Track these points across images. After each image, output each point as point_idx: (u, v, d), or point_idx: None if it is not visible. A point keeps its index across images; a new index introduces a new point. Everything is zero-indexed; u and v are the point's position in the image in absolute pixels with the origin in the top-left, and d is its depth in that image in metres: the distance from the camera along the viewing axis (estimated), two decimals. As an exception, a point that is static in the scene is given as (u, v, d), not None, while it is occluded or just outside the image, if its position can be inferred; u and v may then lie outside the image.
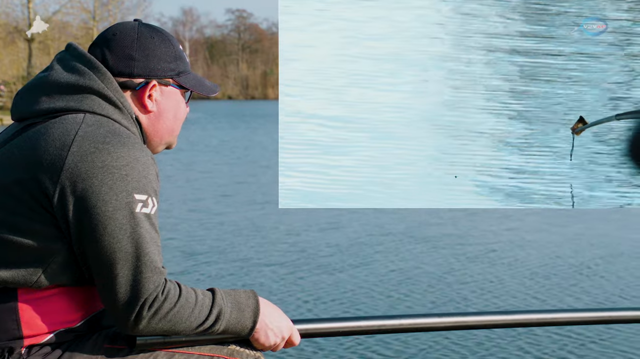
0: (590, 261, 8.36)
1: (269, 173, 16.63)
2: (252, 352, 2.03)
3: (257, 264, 8.17)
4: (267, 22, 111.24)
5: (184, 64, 2.08)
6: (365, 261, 8.27)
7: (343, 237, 9.60)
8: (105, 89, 1.95)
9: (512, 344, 5.60)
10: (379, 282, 7.40)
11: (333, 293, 7.00)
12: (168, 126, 2.08)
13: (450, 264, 8.17)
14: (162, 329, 1.88)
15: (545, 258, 8.52)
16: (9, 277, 1.86)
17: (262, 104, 63.65)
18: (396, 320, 2.30)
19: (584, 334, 5.81)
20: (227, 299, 1.95)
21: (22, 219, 1.85)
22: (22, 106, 1.98)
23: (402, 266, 8.05)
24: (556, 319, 2.54)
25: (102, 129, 1.89)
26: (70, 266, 1.88)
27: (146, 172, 1.87)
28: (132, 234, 1.83)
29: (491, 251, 8.87)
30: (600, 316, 2.63)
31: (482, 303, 6.73)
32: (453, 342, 5.61)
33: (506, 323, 2.50)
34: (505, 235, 9.88)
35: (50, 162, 1.84)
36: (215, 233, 9.97)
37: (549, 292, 7.10)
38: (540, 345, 5.59)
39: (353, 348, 5.49)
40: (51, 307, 1.90)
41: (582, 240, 9.52)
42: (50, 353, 1.90)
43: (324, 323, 2.24)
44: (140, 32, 2.02)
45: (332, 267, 8.01)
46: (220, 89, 2.27)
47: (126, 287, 1.84)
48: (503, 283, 7.40)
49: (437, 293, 7.05)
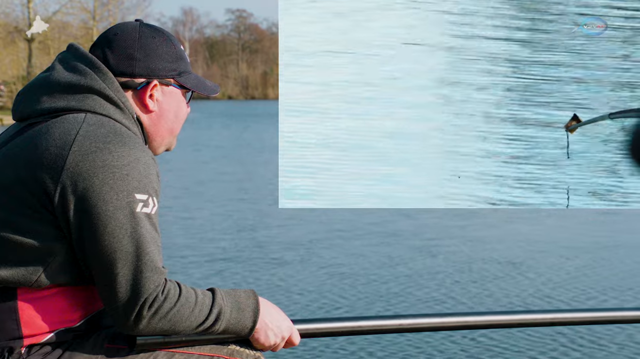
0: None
1: (269, 174, 16.63)
2: (252, 352, 2.03)
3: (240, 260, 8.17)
4: (267, 22, 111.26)
5: (185, 64, 2.08)
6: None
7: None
8: (106, 88, 1.95)
9: (513, 343, 5.60)
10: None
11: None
12: (169, 126, 2.08)
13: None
14: (162, 329, 1.88)
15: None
16: (8, 276, 1.86)
17: (262, 104, 63.62)
18: (396, 320, 2.30)
19: (584, 333, 5.81)
20: (227, 299, 1.95)
21: (23, 218, 1.85)
22: (24, 106, 1.98)
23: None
24: (556, 319, 2.54)
25: (104, 128, 1.89)
26: (70, 265, 1.88)
27: (147, 172, 1.87)
28: (132, 233, 1.83)
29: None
30: (601, 316, 2.63)
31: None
32: (453, 342, 5.61)
33: (506, 323, 2.50)
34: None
35: (51, 161, 1.84)
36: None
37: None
38: (540, 345, 5.59)
39: (353, 348, 5.49)
40: (51, 306, 1.90)
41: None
42: (50, 352, 1.90)
43: (324, 323, 2.24)
44: (141, 32, 2.03)
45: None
46: (221, 89, 2.28)
47: (126, 287, 1.84)
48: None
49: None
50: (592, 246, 9.20)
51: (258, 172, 17.28)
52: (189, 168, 18.13)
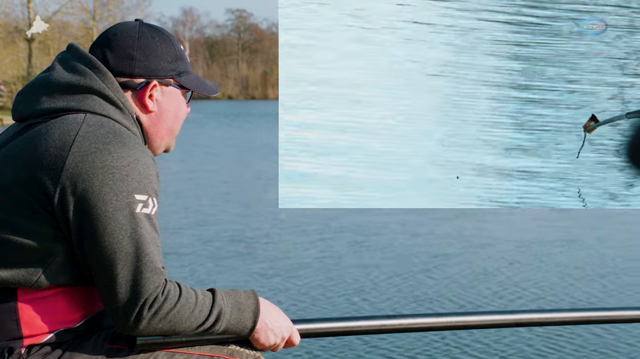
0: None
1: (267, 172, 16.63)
2: (252, 352, 2.03)
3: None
4: (267, 22, 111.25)
5: (185, 64, 2.08)
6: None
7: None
8: (106, 89, 1.95)
9: (513, 343, 5.60)
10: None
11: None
12: (168, 126, 2.08)
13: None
14: (163, 329, 1.88)
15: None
16: (9, 277, 1.86)
17: (262, 104, 63.62)
18: (396, 320, 2.30)
19: (583, 333, 5.81)
20: (227, 300, 1.95)
21: (23, 219, 1.85)
22: (23, 106, 1.98)
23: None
24: (556, 318, 2.54)
25: (103, 129, 1.89)
26: (70, 266, 1.88)
27: (147, 173, 1.87)
28: (132, 234, 1.83)
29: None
30: (601, 316, 2.63)
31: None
32: (454, 341, 5.61)
33: (506, 322, 2.50)
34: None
35: (50, 162, 1.84)
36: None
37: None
38: (540, 344, 5.59)
39: (353, 348, 5.49)
40: (51, 307, 1.90)
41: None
42: (50, 353, 1.90)
43: (324, 322, 2.23)
44: (141, 32, 2.02)
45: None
46: (221, 89, 2.27)
47: (126, 287, 1.84)
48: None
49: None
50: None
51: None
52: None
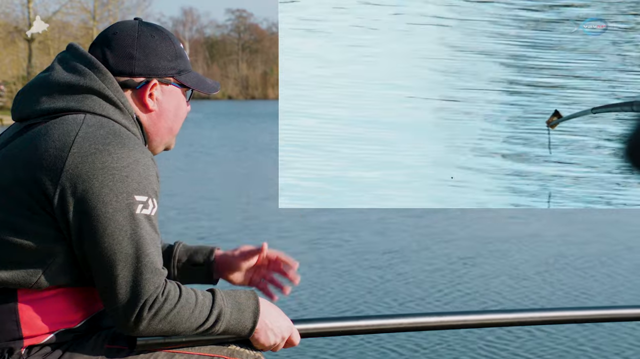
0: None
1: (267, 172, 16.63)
2: (252, 352, 2.03)
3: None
4: (267, 22, 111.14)
5: (185, 63, 2.07)
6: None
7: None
8: (106, 89, 1.95)
9: (512, 343, 5.60)
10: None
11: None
12: (168, 125, 2.07)
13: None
14: (163, 330, 1.87)
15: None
16: (9, 278, 1.86)
17: (262, 104, 63.64)
18: (396, 319, 2.30)
19: (584, 333, 5.81)
20: (227, 300, 1.95)
21: (22, 219, 1.84)
22: (23, 106, 1.97)
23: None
24: (556, 317, 2.54)
25: (103, 129, 1.89)
26: (70, 266, 1.88)
27: (147, 174, 1.87)
28: (132, 235, 1.83)
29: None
30: (601, 315, 2.63)
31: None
32: (453, 341, 5.61)
33: (506, 322, 2.50)
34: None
35: (50, 163, 1.84)
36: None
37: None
38: (540, 344, 5.59)
39: (353, 348, 5.49)
40: (51, 307, 1.90)
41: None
42: (50, 353, 1.90)
43: (324, 322, 2.23)
44: (140, 30, 2.02)
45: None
46: (221, 88, 2.27)
47: (126, 288, 1.83)
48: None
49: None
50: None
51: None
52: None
